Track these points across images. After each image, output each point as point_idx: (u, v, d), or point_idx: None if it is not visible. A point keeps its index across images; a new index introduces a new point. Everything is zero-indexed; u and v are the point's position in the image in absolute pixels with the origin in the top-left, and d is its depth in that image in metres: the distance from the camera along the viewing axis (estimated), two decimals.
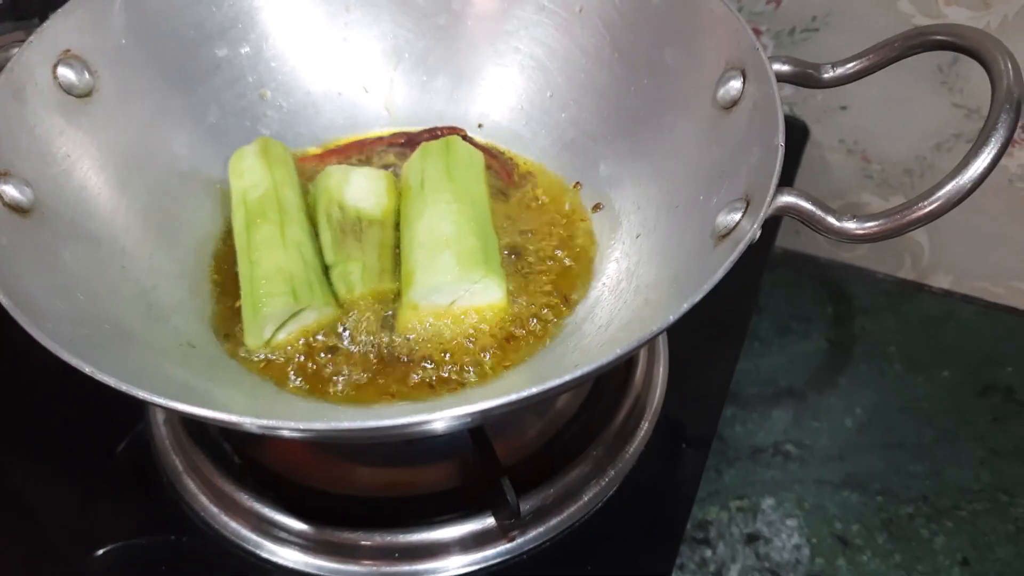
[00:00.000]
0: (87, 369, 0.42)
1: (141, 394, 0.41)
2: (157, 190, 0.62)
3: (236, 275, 0.60)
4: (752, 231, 0.47)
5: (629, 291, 0.58)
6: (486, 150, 0.70)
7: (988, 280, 0.93)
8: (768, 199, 0.48)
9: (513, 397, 0.41)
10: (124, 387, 0.41)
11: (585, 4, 0.67)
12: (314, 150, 0.71)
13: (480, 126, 0.72)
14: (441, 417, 0.41)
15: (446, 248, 0.58)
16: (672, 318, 0.44)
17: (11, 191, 0.53)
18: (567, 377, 0.42)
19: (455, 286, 0.58)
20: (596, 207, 0.66)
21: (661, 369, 0.70)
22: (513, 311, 0.60)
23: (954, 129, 0.82)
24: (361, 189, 0.63)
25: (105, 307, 0.54)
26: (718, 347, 0.73)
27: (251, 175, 0.62)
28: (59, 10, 0.59)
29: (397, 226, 0.63)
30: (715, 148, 0.57)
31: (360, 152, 0.70)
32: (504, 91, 0.71)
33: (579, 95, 0.69)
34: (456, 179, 0.62)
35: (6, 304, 0.44)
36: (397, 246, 0.63)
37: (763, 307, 0.94)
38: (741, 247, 0.46)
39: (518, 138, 0.71)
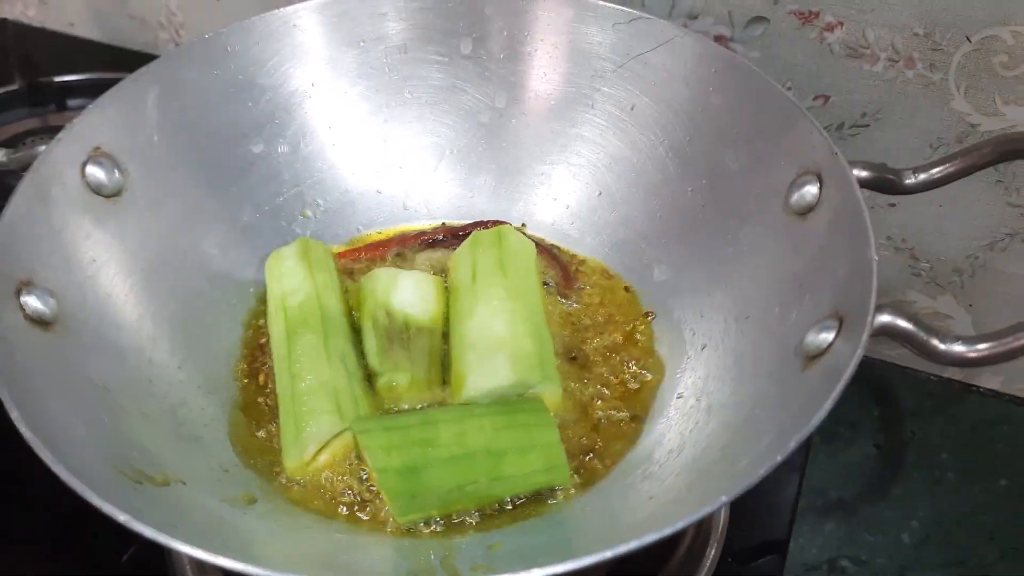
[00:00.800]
0: (121, 518, 0.37)
1: (181, 547, 0.36)
2: (187, 295, 0.58)
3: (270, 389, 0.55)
4: (856, 356, 0.43)
5: (700, 410, 0.53)
6: (540, 244, 0.66)
7: None
8: (869, 319, 0.44)
9: (595, 559, 0.37)
10: (163, 539, 0.36)
11: (638, 102, 0.64)
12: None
13: (523, 225, 0.68)
14: None
15: (499, 350, 0.54)
16: (780, 457, 0.39)
17: (34, 302, 0.48)
18: (648, 537, 0.37)
19: (508, 391, 0.53)
20: (648, 314, 0.62)
21: None
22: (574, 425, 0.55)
23: (1008, 228, 0.79)
24: (409, 294, 0.59)
25: (132, 429, 0.49)
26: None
27: (291, 279, 0.58)
28: (90, 106, 0.56)
29: (446, 334, 0.59)
30: (790, 257, 0.54)
31: (402, 245, 0.66)
32: (549, 189, 0.68)
33: (630, 194, 0.66)
34: (509, 273, 0.59)
35: (29, 439, 0.40)
36: (447, 354, 0.58)
37: None
38: (848, 374, 0.42)
39: (565, 237, 0.68)
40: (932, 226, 0.82)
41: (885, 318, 0.45)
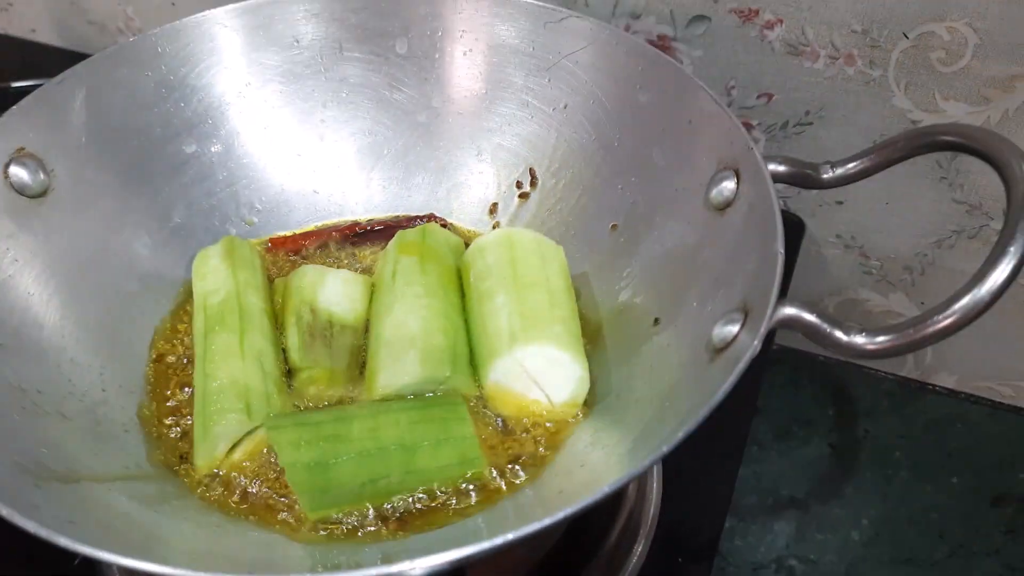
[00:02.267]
0: (3, 512, 0.37)
1: (73, 546, 0.36)
2: (113, 296, 0.58)
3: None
4: (753, 347, 0.43)
5: (616, 407, 0.53)
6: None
7: (994, 379, 0.89)
8: (769, 311, 0.44)
9: (495, 542, 0.37)
10: (44, 533, 0.36)
11: (570, 101, 0.65)
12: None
13: (448, 225, 0.68)
14: (415, 567, 0.36)
15: (411, 347, 0.54)
16: (666, 449, 0.39)
17: None
18: (551, 519, 0.37)
19: (419, 388, 0.54)
20: None
21: (655, 479, 0.65)
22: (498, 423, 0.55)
23: (955, 225, 0.79)
24: (336, 292, 0.59)
25: (45, 427, 0.49)
26: (716, 453, 0.68)
27: (214, 278, 0.58)
28: (14, 107, 0.56)
29: None
30: (709, 251, 0.54)
31: (326, 238, 0.66)
32: (486, 187, 0.68)
33: (564, 192, 0.66)
34: (429, 271, 0.59)
35: None
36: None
37: (760, 408, 0.89)
38: (741, 366, 0.42)
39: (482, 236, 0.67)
40: (880, 224, 0.82)
41: (788, 311, 0.45)
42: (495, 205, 0.68)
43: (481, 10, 0.65)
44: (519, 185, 0.67)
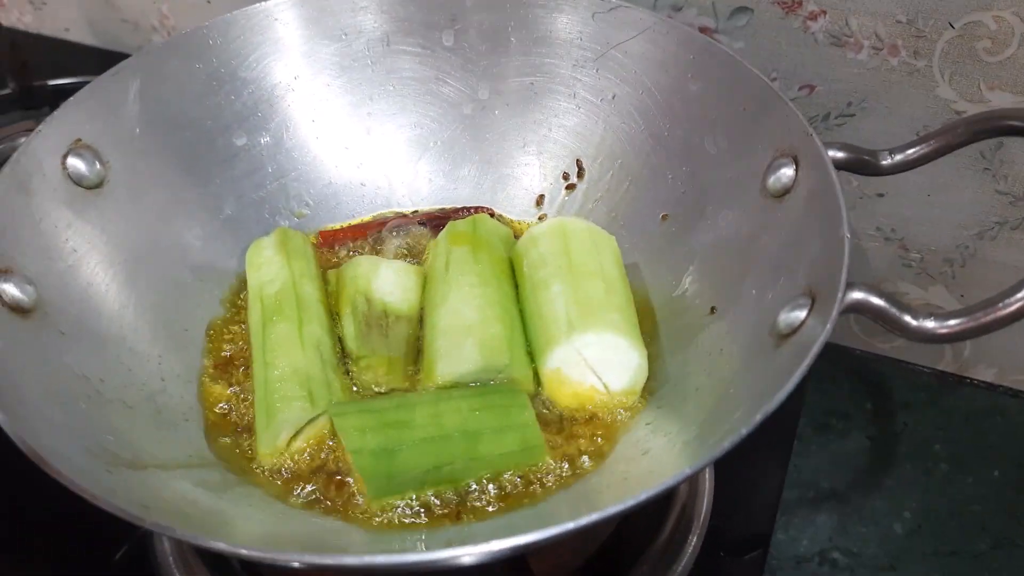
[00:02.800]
0: (86, 494, 0.37)
1: (157, 526, 0.36)
2: (168, 286, 0.59)
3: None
4: (826, 331, 0.43)
5: (676, 395, 0.53)
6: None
7: None
8: (839, 295, 0.44)
9: (558, 530, 0.37)
10: (137, 517, 0.37)
11: (618, 91, 0.65)
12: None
13: (501, 216, 0.69)
14: (476, 552, 0.36)
15: (468, 335, 0.54)
16: (745, 431, 0.39)
17: (12, 290, 0.49)
18: (620, 506, 0.37)
19: (478, 376, 0.54)
20: None
21: (708, 474, 0.65)
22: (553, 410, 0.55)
23: (997, 217, 0.78)
24: (389, 282, 0.59)
25: (109, 416, 0.49)
26: (765, 448, 0.68)
27: (268, 268, 0.58)
28: (71, 98, 0.56)
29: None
30: (766, 238, 0.54)
31: (380, 228, 0.66)
32: (532, 179, 0.68)
33: (613, 183, 0.65)
34: (482, 260, 0.59)
35: (2, 421, 0.40)
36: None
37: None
38: (815, 350, 0.42)
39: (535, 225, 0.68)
40: (921, 216, 0.82)
41: (857, 295, 0.45)
42: (541, 197, 0.68)
43: (528, 1, 0.65)
44: (566, 176, 0.67)
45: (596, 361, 0.53)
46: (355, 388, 0.55)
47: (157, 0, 0.97)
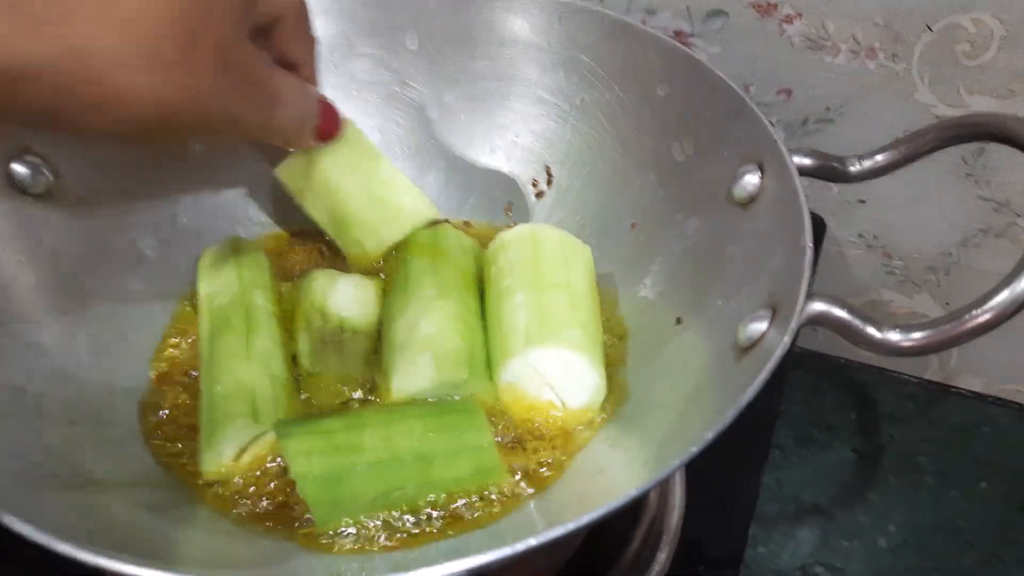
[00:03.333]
0: (18, 528, 0.35)
1: (61, 548, 0.35)
2: (117, 295, 0.57)
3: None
4: (783, 344, 0.41)
5: (638, 410, 0.51)
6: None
7: (1022, 382, 0.86)
8: (798, 307, 0.42)
9: (515, 548, 0.35)
10: (43, 539, 0.35)
11: (586, 96, 0.63)
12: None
13: (468, 223, 0.67)
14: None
15: (425, 349, 0.52)
16: (695, 449, 0.37)
17: None
18: (573, 524, 0.35)
19: (435, 392, 0.52)
20: None
21: (679, 486, 0.63)
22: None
23: (981, 224, 0.77)
24: (347, 297, 0.57)
25: (48, 432, 0.47)
26: (739, 459, 0.66)
27: (218, 279, 0.57)
28: None
29: None
30: (732, 247, 0.52)
31: None
32: (499, 185, 0.67)
33: (581, 190, 0.64)
34: (442, 271, 0.57)
35: None
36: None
37: (782, 413, 0.87)
38: (772, 363, 0.40)
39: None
40: (904, 223, 0.80)
41: (819, 306, 0.43)
42: (510, 204, 0.66)
43: (493, 3, 0.64)
44: (535, 183, 0.66)
45: (553, 377, 0.51)
46: (310, 404, 0.53)
47: None
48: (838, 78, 0.73)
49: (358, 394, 0.54)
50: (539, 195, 0.66)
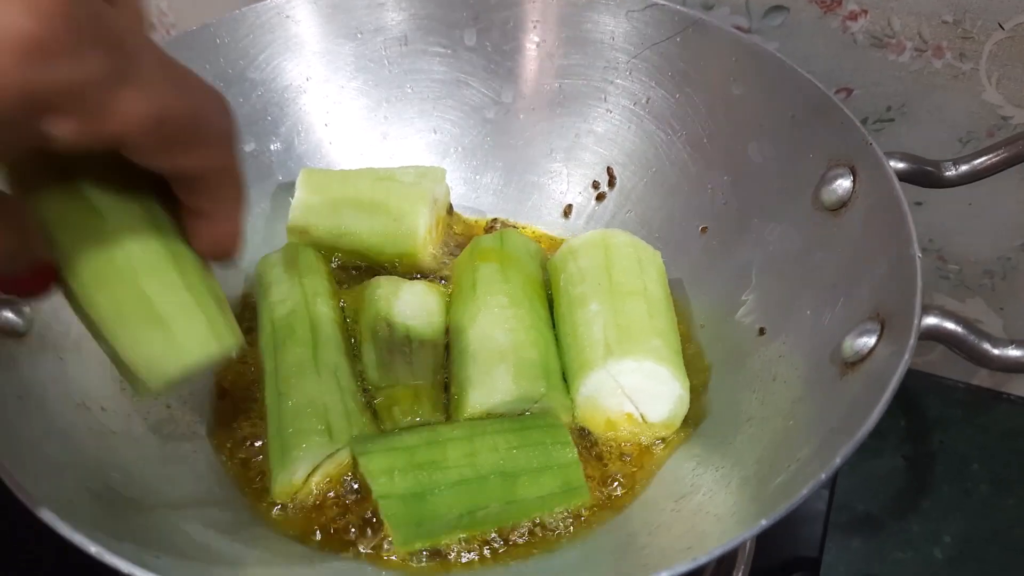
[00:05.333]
0: (92, 550, 0.33)
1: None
2: None
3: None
4: (903, 362, 0.39)
5: (724, 425, 0.49)
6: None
7: None
8: (915, 322, 0.40)
9: None
10: (139, 572, 0.32)
11: (653, 94, 0.61)
12: None
13: (516, 227, 0.65)
14: None
15: (501, 362, 0.50)
16: (824, 475, 0.35)
17: (5, 313, 0.45)
18: (678, 568, 0.33)
19: (512, 406, 0.50)
20: None
21: None
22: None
23: None
24: (412, 305, 0.55)
25: (112, 448, 0.45)
26: None
27: (279, 288, 0.54)
28: None
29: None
30: (821, 255, 0.50)
31: None
32: (559, 188, 0.65)
33: (646, 193, 0.62)
34: (512, 279, 0.55)
35: None
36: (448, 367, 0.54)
37: None
38: (894, 383, 0.38)
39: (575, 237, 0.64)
40: (961, 226, 0.78)
41: (931, 320, 0.41)
42: (569, 207, 0.64)
43: None
44: (595, 185, 0.64)
45: (634, 390, 0.49)
46: (381, 419, 0.51)
47: None
48: (901, 77, 0.71)
49: (431, 408, 0.51)
50: (600, 197, 0.64)
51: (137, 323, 0.35)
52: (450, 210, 0.63)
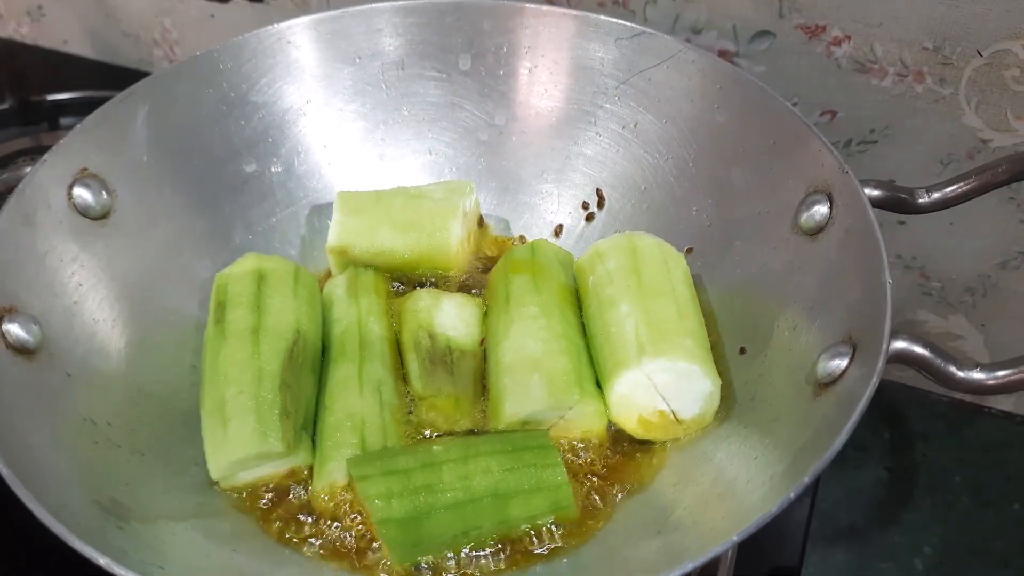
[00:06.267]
0: (102, 561, 0.35)
1: None
2: (175, 320, 0.56)
3: None
4: (871, 386, 0.41)
5: (705, 440, 0.51)
6: None
7: None
8: (884, 347, 0.42)
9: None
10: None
11: (641, 119, 0.63)
12: None
13: (523, 238, 0.67)
14: None
15: (534, 371, 0.52)
16: (793, 494, 0.37)
17: (16, 330, 0.47)
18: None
19: (547, 414, 0.52)
20: None
21: None
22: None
23: (1021, 246, 0.77)
24: (452, 316, 0.58)
25: (118, 462, 0.47)
26: None
27: (339, 307, 0.58)
28: (78, 126, 0.54)
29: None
30: (799, 277, 0.52)
31: None
32: (550, 207, 0.67)
33: (634, 214, 0.64)
34: (543, 290, 0.57)
35: (6, 475, 0.38)
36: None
37: None
38: (863, 404, 0.40)
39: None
40: (943, 245, 0.80)
41: (900, 344, 0.43)
42: (560, 226, 0.66)
43: (548, 25, 0.64)
44: (585, 206, 0.66)
45: (667, 388, 0.51)
46: (421, 431, 0.54)
47: (159, 14, 0.95)
48: (884, 100, 0.73)
49: (470, 417, 0.54)
50: (589, 218, 0.66)
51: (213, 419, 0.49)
52: (480, 222, 0.65)
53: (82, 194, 0.53)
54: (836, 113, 0.76)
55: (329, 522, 0.49)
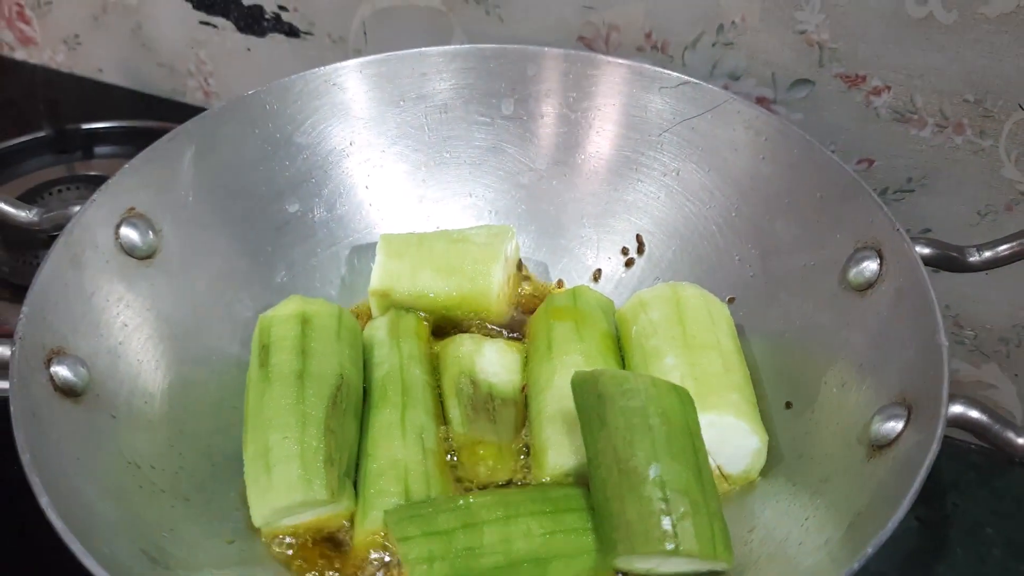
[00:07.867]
0: None
1: None
2: (217, 361, 0.56)
3: None
4: (931, 452, 0.40)
5: (753, 498, 0.51)
6: None
7: None
8: (943, 411, 0.42)
9: None
10: None
11: (683, 167, 0.63)
12: None
13: (561, 282, 0.66)
14: None
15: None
16: (857, 565, 0.37)
17: (64, 372, 0.47)
18: None
19: None
20: None
21: None
22: None
23: None
24: (493, 363, 0.57)
25: (162, 507, 0.46)
26: None
27: (380, 350, 0.57)
28: (125, 166, 0.54)
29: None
30: (847, 333, 0.52)
31: None
32: (589, 253, 0.66)
33: (675, 261, 0.64)
34: (586, 338, 0.56)
35: (59, 529, 0.37)
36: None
37: None
38: (923, 471, 0.39)
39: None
40: (977, 294, 0.80)
41: (957, 409, 0.43)
42: (599, 271, 0.66)
43: (590, 72, 0.64)
44: (625, 251, 0.65)
45: (713, 443, 0.50)
46: (465, 478, 0.54)
47: (195, 46, 0.96)
48: (922, 150, 0.73)
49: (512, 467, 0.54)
50: (629, 263, 0.66)
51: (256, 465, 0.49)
52: (520, 266, 0.65)
53: (129, 234, 0.53)
54: (873, 161, 0.76)
55: (371, 573, 0.48)
